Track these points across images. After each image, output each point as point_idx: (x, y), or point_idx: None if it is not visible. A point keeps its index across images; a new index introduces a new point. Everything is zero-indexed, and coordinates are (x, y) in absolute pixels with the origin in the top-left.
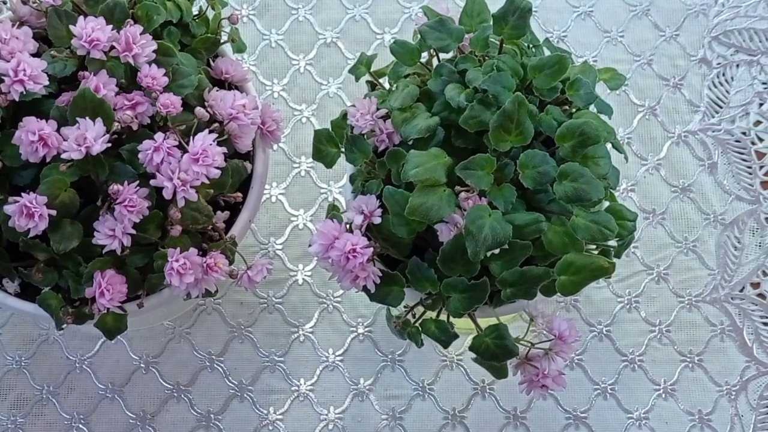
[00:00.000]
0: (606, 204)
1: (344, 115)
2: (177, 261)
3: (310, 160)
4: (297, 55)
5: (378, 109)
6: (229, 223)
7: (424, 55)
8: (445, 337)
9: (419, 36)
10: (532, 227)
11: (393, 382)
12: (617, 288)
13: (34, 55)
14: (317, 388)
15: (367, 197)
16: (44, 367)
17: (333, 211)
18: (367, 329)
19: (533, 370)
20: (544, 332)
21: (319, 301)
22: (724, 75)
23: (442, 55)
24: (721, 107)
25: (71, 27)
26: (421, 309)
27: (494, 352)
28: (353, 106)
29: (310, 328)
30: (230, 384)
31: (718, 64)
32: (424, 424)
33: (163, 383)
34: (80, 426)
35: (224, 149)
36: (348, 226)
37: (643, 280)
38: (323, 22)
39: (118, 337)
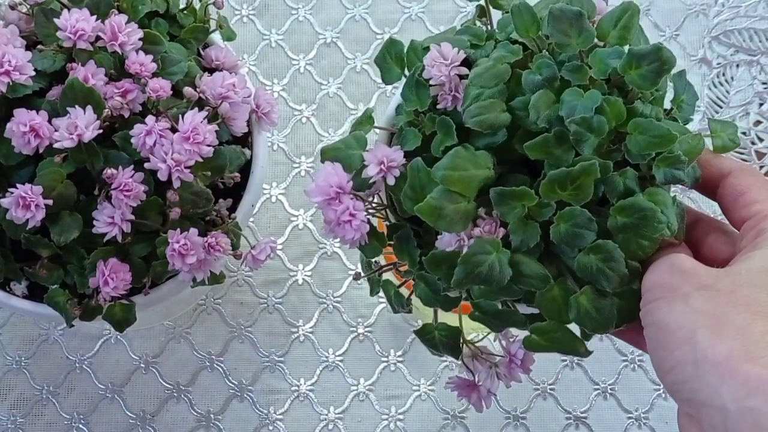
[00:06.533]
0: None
1: (426, 48)
2: (177, 242)
3: (311, 160)
4: (297, 55)
5: (461, 62)
6: (233, 210)
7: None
8: (398, 308)
9: (547, 22)
10: (533, 281)
11: (393, 382)
12: None
13: None
14: (317, 388)
15: (393, 150)
16: (44, 367)
17: (366, 123)
18: (367, 329)
19: (470, 376)
20: (502, 345)
21: (319, 301)
22: (724, 75)
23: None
24: (721, 107)
25: (56, 20)
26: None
27: (436, 344)
28: (439, 46)
29: (310, 328)
30: (230, 384)
31: (718, 64)
32: (424, 424)
33: (163, 383)
34: (80, 426)
35: (215, 127)
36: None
37: None
38: (323, 22)
39: (119, 336)
